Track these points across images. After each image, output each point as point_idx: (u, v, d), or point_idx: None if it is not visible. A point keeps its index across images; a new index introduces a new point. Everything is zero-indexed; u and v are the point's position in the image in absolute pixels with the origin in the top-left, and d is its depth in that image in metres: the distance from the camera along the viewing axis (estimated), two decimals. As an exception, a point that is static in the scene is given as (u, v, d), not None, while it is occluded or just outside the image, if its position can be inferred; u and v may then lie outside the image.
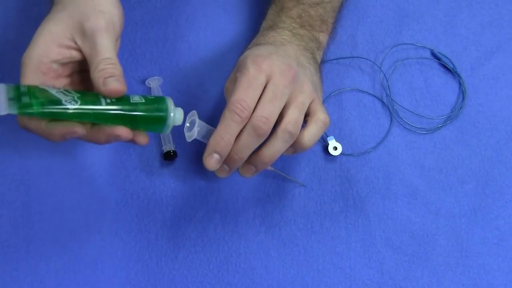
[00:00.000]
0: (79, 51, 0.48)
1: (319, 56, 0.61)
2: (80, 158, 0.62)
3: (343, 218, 0.60)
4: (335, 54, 0.67)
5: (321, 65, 0.62)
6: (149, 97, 0.49)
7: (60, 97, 0.45)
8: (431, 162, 0.63)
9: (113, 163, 0.62)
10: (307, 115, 0.53)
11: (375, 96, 0.66)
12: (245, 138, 0.50)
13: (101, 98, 0.46)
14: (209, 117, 0.63)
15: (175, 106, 0.50)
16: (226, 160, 0.51)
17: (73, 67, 0.50)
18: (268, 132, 0.50)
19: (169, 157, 0.61)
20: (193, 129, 0.52)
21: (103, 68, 0.46)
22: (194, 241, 0.59)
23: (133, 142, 0.49)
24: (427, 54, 0.68)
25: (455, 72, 0.67)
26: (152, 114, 0.48)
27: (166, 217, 0.60)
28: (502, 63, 0.67)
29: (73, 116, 0.45)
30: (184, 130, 0.53)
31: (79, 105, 0.45)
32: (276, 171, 0.59)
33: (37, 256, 0.58)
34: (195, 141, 0.54)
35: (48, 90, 0.46)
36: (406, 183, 0.62)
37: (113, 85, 0.46)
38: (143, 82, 0.64)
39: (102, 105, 0.46)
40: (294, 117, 0.50)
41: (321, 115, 0.52)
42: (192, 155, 0.62)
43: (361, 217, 0.60)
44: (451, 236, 0.60)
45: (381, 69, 0.67)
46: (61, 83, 0.49)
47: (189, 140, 0.53)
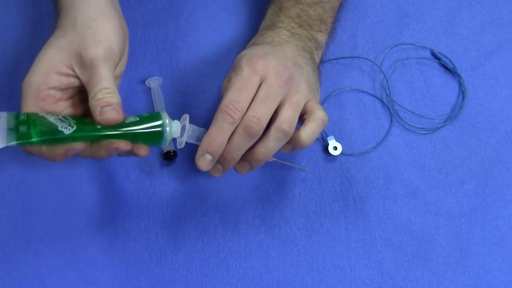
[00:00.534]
0: (78, 78, 0.49)
1: (317, 56, 0.61)
2: (80, 158, 0.61)
3: (343, 218, 0.60)
4: (335, 54, 0.67)
5: (320, 65, 0.62)
6: (144, 115, 0.49)
7: (56, 124, 0.46)
8: (431, 162, 0.63)
9: (113, 163, 0.62)
10: (304, 114, 0.53)
11: (375, 96, 0.66)
12: (237, 138, 0.50)
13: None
14: (209, 117, 0.63)
15: (170, 119, 0.50)
16: (219, 160, 0.51)
17: (73, 91, 0.51)
18: (260, 132, 0.50)
19: (169, 157, 0.61)
20: (183, 136, 0.52)
21: (101, 97, 0.47)
22: (194, 241, 0.59)
23: (134, 154, 0.49)
24: (427, 54, 0.68)
25: (455, 72, 0.67)
26: (148, 131, 0.48)
27: (166, 217, 0.60)
28: (502, 63, 0.67)
29: (69, 139, 0.46)
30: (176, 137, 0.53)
31: (75, 130, 0.46)
32: (276, 160, 0.59)
33: (37, 256, 0.58)
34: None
35: (46, 117, 0.47)
36: (406, 183, 0.62)
37: (108, 114, 0.46)
38: (143, 82, 0.64)
39: (97, 128, 0.47)
40: (288, 116, 0.50)
41: (319, 113, 0.52)
42: (192, 155, 0.62)
43: (361, 217, 0.60)
44: (451, 236, 0.60)
45: (381, 69, 0.67)
46: (61, 106, 0.50)
47: (180, 146, 0.53)
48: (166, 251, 0.59)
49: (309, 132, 0.52)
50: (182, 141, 0.53)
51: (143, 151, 0.49)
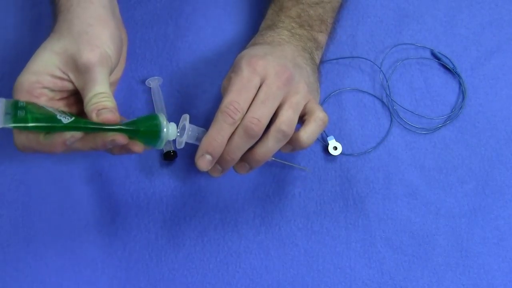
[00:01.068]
0: (72, 83, 0.49)
1: (317, 56, 0.61)
2: (80, 158, 0.62)
3: (343, 218, 0.60)
4: (335, 54, 0.67)
5: (320, 65, 0.62)
6: (142, 116, 0.50)
7: (55, 113, 0.46)
8: (431, 162, 0.63)
9: (113, 163, 0.62)
10: (304, 115, 0.53)
11: (375, 96, 0.66)
12: (237, 139, 0.50)
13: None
14: (209, 117, 0.63)
15: (167, 121, 0.50)
16: (218, 160, 0.51)
17: (67, 93, 0.51)
18: (259, 133, 0.50)
19: (169, 157, 0.61)
20: (183, 136, 0.52)
21: (97, 101, 0.47)
22: (194, 241, 0.59)
23: (129, 150, 0.49)
24: (427, 54, 0.68)
25: (455, 72, 0.67)
26: (144, 130, 0.48)
27: (166, 217, 0.60)
28: (502, 63, 0.67)
29: (66, 128, 0.46)
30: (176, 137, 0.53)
31: (73, 120, 0.46)
32: (276, 160, 0.59)
33: (37, 256, 0.58)
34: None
35: (45, 107, 0.47)
36: (406, 183, 0.62)
37: (105, 115, 0.46)
38: (143, 82, 0.64)
39: (94, 122, 0.47)
40: (288, 117, 0.50)
41: (320, 114, 0.52)
42: (192, 155, 0.62)
43: (361, 217, 0.60)
44: (451, 236, 0.60)
45: (381, 69, 0.67)
46: (55, 105, 0.49)
47: (180, 146, 0.53)
48: (166, 251, 0.59)
49: (309, 132, 0.52)
50: (182, 141, 0.53)
51: (138, 147, 0.49)
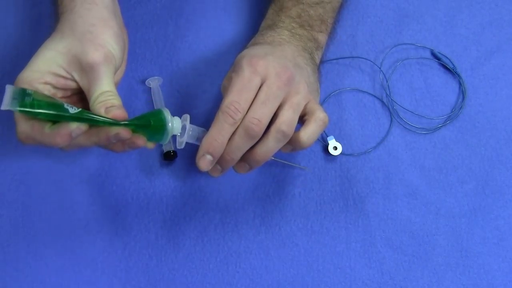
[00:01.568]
0: (75, 82, 0.49)
1: (317, 56, 0.61)
2: (80, 158, 0.62)
3: (343, 218, 0.60)
4: (335, 54, 0.67)
5: (320, 65, 0.62)
6: (146, 112, 0.50)
7: (62, 103, 0.46)
8: (431, 162, 0.63)
9: (113, 163, 0.62)
10: (304, 115, 0.53)
11: (375, 96, 0.66)
12: (237, 139, 0.50)
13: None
14: (209, 117, 0.63)
15: (171, 115, 0.50)
16: (219, 160, 0.51)
17: (71, 92, 0.51)
18: (260, 133, 0.50)
19: (169, 157, 0.61)
20: (184, 136, 0.52)
21: (104, 99, 0.47)
22: (194, 241, 0.59)
23: (133, 145, 0.49)
24: (427, 54, 0.68)
25: (455, 72, 0.67)
26: (149, 124, 0.48)
27: (166, 217, 0.60)
28: (502, 63, 0.67)
29: (73, 118, 0.45)
30: (176, 137, 0.53)
31: (80, 111, 0.45)
32: (276, 159, 0.59)
33: (37, 256, 0.58)
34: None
35: (52, 97, 0.47)
36: (406, 183, 0.62)
37: (114, 112, 0.46)
38: (143, 82, 0.64)
39: (101, 116, 0.47)
40: (288, 117, 0.50)
41: (320, 114, 0.52)
42: (192, 155, 0.62)
43: (361, 217, 0.60)
44: (451, 236, 0.60)
45: (381, 69, 0.67)
46: None
47: (180, 147, 0.53)
48: (166, 251, 0.59)
49: (309, 133, 0.52)
50: (182, 141, 0.53)
51: (141, 140, 0.49)
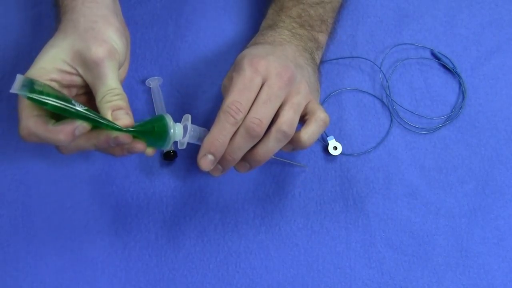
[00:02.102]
0: (81, 77, 0.49)
1: (318, 56, 0.61)
2: (80, 158, 0.62)
3: (343, 218, 0.60)
4: (335, 54, 0.67)
5: (320, 65, 0.62)
6: (148, 119, 0.50)
7: (70, 98, 0.46)
8: (431, 162, 0.63)
9: (113, 163, 0.62)
10: (305, 115, 0.53)
11: (375, 96, 0.66)
12: (238, 139, 0.50)
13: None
14: (209, 117, 0.63)
15: (173, 121, 0.50)
16: (220, 160, 0.52)
17: (76, 90, 0.51)
18: (261, 134, 0.50)
19: (169, 157, 0.61)
20: (185, 136, 0.52)
21: (110, 100, 0.47)
22: (194, 241, 0.59)
23: (132, 149, 0.49)
24: (427, 54, 0.68)
25: (455, 72, 0.67)
26: (153, 130, 0.49)
27: (166, 217, 0.60)
28: (502, 63, 0.67)
29: (78, 115, 0.45)
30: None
31: (86, 109, 0.46)
32: (276, 158, 0.59)
33: (37, 256, 0.58)
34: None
35: (61, 92, 0.47)
36: (406, 183, 0.62)
37: (123, 120, 0.47)
38: (143, 82, 0.64)
39: (105, 118, 0.47)
40: (289, 117, 0.51)
41: (321, 114, 0.52)
42: (192, 155, 0.62)
43: (361, 217, 0.60)
44: (451, 236, 0.60)
45: (381, 69, 0.67)
46: None
47: (182, 147, 0.53)
48: (166, 251, 0.59)
49: (310, 133, 0.52)
50: (184, 142, 0.53)
51: (141, 145, 0.49)
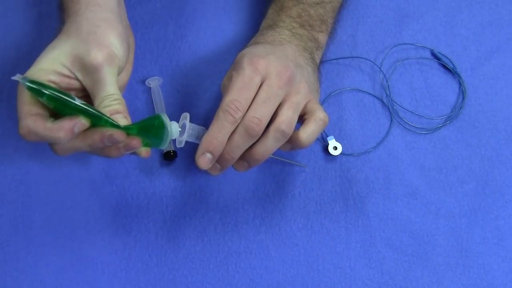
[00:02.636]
0: (79, 81, 0.49)
1: (318, 56, 0.61)
2: (80, 158, 0.62)
3: (343, 218, 0.60)
4: (335, 54, 0.67)
5: (320, 65, 0.62)
6: (145, 118, 0.49)
7: (69, 93, 0.46)
8: (431, 162, 0.63)
9: (113, 163, 0.62)
10: (304, 115, 0.53)
11: (375, 96, 0.66)
12: (237, 138, 0.50)
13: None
14: (209, 116, 0.63)
15: (169, 120, 0.50)
16: (218, 159, 0.52)
17: (75, 93, 0.50)
18: (260, 133, 0.50)
19: (169, 157, 0.61)
20: (183, 135, 0.52)
21: (109, 104, 0.47)
22: (194, 241, 0.59)
23: (128, 147, 0.48)
24: (427, 54, 0.68)
25: (455, 72, 0.67)
26: (148, 129, 0.49)
27: (166, 217, 0.60)
28: (502, 63, 0.67)
29: (77, 109, 0.45)
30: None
31: (85, 104, 0.46)
32: (276, 158, 0.59)
33: (37, 256, 0.58)
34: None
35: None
36: (406, 183, 0.62)
37: (120, 123, 0.47)
38: (143, 82, 0.64)
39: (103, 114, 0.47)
40: (287, 117, 0.51)
41: (320, 114, 0.52)
42: (192, 155, 0.62)
43: (361, 217, 0.60)
44: (451, 236, 0.60)
45: (381, 69, 0.67)
46: None
47: (180, 145, 0.53)
48: (166, 251, 0.59)
49: (309, 132, 0.52)
50: (182, 140, 0.53)
51: (136, 141, 0.48)
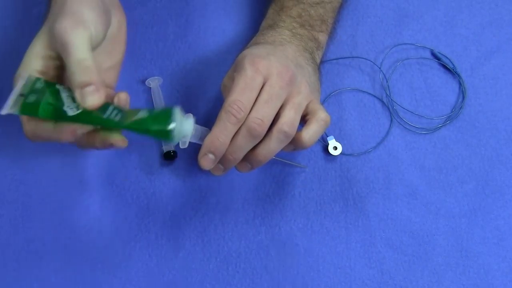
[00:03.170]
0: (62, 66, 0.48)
1: (318, 56, 0.61)
2: (80, 158, 0.62)
3: (343, 218, 0.60)
4: (335, 54, 0.67)
5: (320, 65, 0.62)
6: (156, 111, 0.48)
7: (64, 102, 0.45)
8: (431, 162, 0.63)
9: (113, 163, 0.62)
10: (306, 115, 0.53)
11: (375, 96, 0.66)
12: (240, 139, 0.50)
13: (109, 105, 0.47)
14: (209, 117, 0.63)
15: (182, 115, 0.49)
16: (221, 160, 0.52)
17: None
18: (262, 133, 0.50)
19: (169, 157, 0.61)
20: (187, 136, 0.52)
21: (77, 73, 0.45)
22: (194, 241, 0.59)
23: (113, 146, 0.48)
24: (427, 54, 0.68)
25: (455, 72, 0.67)
26: (154, 129, 0.47)
27: (166, 217, 0.60)
28: (502, 63, 0.67)
29: (72, 119, 0.45)
30: None
31: (80, 113, 0.45)
32: (276, 158, 0.59)
33: (37, 256, 0.58)
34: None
35: (60, 93, 0.46)
36: (406, 183, 0.62)
37: (90, 99, 0.45)
38: (143, 82, 0.64)
39: (104, 115, 0.46)
40: (290, 118, 0.51)
41: (322, 114, 0.52)
42: (192, 155, 0.62)
43: (361, 217, 0.60)
44: (451, 236, 0.60)
45: (381, 69, 0.67)
46: None
47: (183, 146, 0.53)
48: (166, 251, 0.59)
49: (311, 133, 0.52)
50: (186, 141, 0.52)
51: (122, 142, 0.48)
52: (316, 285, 0.58)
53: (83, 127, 0.46)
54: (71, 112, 0.45)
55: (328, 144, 0.62)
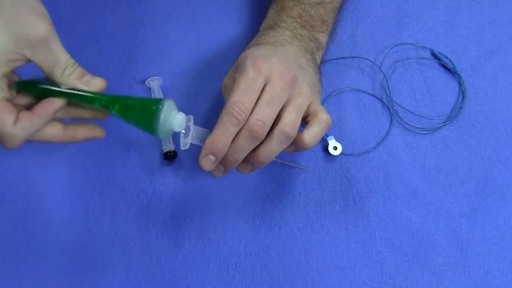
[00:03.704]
0: (26, 60, 0.46)
1: (318, 56, 0.61)
2: (79, 158, 0.62)
3: (343, 218, 0.60)
4: (335, 54, 0.67)
5: (321, 65, 0.62)
6: (149, 98, 0.49)
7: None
8: (431, 162, 0.63)
9: (113, 163, 0.62)
10: (307, 116, 0.53)
11: (375, 96, 0.66)
12: (241, 141, 0.50)
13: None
14: (209, 117, 0.63)
15: (176, 111, 0.49)
16: (222, 161, 0.51)
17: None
18: (263, 135, 0.50)
19: (169, 157, 0.61)
20: (188, 137, 0.52)
21: (72, 71, 0.47)
22: (194, 241, 0.59)
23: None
24: (427, 54, 0.68)
25: (455, 72, 0.67)
26: (139, 108, 0.47)
27: (166, 217, 0.60)
28: (502, 63, 0.67)
29: (65, 93, 0.47)
30: (179, 137, 0.53)
31: (70, 88, 0.47)
32: (277, 160, 0.59)
33: (37, 256, 0.58)
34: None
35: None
36: (406, 183, 0.62)
37: (94, 83, 0.47)
38: (143, 82, 0.64)
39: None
40: (291, 119, 0.50)
41: (323, 115, 0.52)
42: (192, 155, 0.62)
43: (361, 217, 0.60)
44: (451, 236, 0.60)
45: (381, 69, 0.67)
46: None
47: (184, 148, 0.53)
48: (166, 251, 0.59)
49: (312, 134, 0.52)
50: (187, 142, 0.53)
51: (99, 133, 0.50)
52: (316, 285, 0.58)
53: (58, 102, 0.47)
54: (63, 88, 0.47)
55: (328, 144, 0.62)
